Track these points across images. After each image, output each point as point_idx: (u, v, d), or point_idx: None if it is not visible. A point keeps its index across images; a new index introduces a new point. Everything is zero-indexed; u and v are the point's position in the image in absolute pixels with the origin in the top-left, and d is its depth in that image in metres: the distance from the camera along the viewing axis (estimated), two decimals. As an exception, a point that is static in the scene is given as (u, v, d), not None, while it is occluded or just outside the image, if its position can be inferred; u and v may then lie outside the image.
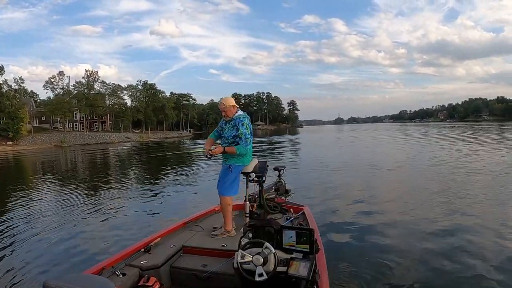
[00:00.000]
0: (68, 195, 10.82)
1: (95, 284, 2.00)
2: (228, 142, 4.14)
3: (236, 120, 4.12)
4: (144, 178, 15.23)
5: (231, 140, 4.13)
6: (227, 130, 4.18)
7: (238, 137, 4.07)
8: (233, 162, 4.14)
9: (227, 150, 4.03)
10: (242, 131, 4.06)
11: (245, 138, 4.06)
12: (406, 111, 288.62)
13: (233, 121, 4.14)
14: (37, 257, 5.23)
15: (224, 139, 4.22)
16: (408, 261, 4.74)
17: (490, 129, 51.57)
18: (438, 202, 8.07)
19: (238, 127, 4.07)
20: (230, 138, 4.13)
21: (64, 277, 2.15)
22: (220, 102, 4.20)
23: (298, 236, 2.76)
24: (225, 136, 4.20)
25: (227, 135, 4.16)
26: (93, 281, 2.08)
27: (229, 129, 4.17)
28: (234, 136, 4.10)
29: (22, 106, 60.41)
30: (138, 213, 8.03)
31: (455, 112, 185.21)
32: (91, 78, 76.92)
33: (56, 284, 1.86)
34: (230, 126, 4.15)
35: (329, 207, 7.89)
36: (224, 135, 4.22)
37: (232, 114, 4.16)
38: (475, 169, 12.64)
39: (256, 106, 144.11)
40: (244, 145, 4.06)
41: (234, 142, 4.10)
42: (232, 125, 4.14)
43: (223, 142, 4.22)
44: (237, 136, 4.08)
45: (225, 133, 4.20)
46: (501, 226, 6.08)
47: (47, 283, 1.87)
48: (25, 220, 7.63)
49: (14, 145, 55.01)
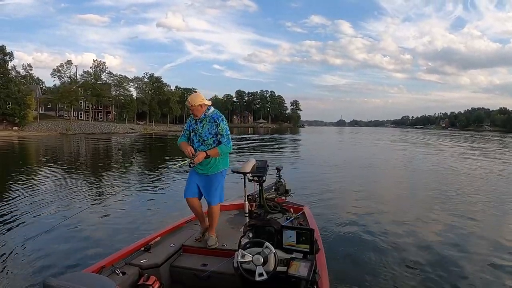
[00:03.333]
0: (69, 187, 10.64)
1: (95, 283, 2.00)
2: (208, 144, 3.64)
3: (213, 116, 3.65)
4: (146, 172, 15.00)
5: (211, 139, 3.63)
6: (202, 129, 3.65)
7: (219, 134, 3.61)
8: (222, 167, 3.77)
9: (210, 154, 3.56)
10: (223, 126, 3.61)
11: (226, 135, 3.63)
12: (408, 117, 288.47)
13: (208, 117, 3.64)
14: (36, 255, 5.14)
15: (200, 141, 3.67)
16: (408, 261, 4.76)
17: (491, 140, 51.87)
18: (437, 202, 8.31)
19: (218, 122, 3.61)
20: (209, 137, 3.63)
21: (64, 276, 2.14)
22: (187, 100, 3.65)
23: (298, 236, 2.77)
24: (202, 137, 3.65)
25: (205, 134, 3.64)
26: (93, 280, 2.08)
27: (205, 127, 3.64)
28: (215, 134, 3.63)
29: (29, 93, 61.12)
30: (138, 210, 7.90)
31: (457, 121, 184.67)
32: (99, 68, 77.73)
33: (56, 283, 1.85)
34: (206, 122, 3.64)
35: (329, 207, 7.92)
36: (200, 136, 3.66)
37: (202, 113, 3.63)
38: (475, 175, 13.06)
39: (259, 104, 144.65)
40: (227, 143, 3.63)
41: (215, 141, 3.64)
42: (208, 121, 3.64)
43: (200, 144, 3.66)
44: (218, 133, 3.61)
45: (201, 133, 3.66)
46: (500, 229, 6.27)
47: (46, 282, 1.86)
48: (23, 216, 7.47)
49: (20, 131, 55.72)
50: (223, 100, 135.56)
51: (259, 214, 4.66)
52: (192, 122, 3.75)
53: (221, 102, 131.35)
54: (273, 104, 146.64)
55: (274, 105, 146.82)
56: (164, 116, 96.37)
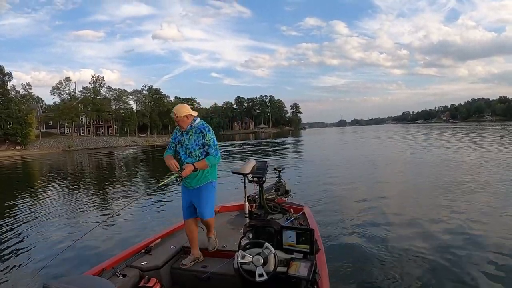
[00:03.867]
0: (72, 198, 10.95)
1: (95, 285, 2.01)
2: (195, 155, 3.51)
3: (199, 126, 3.55)
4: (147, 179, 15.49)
5: (198, 150, 3.51)
6: (189, 141, 3.53)
7: (206, 144, 3.49)
8: (211, 178, 3.62)
9: (198, 166, 3.43)
10: (209, 137, 3.49)
11: (214, 145, 3.51)
12: (409, 112, 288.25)
13: (194, 128, 3.54)
14: (37, 258, 5.21)
15: (187, 153, 3.54)
16: (408, 261, 4.74)
17: (494, 129, 51.71)
18: (437, 200, 8.20)
19: (205, 133, 3.50)
20: (196, 148, 3.50)
21: (64, 278, 2.15)
22: (172, 112, 3.51)
23: (298, 236, 2.78)
24: (188, 149, 3.53)
25: (192, 146, 3.51)
26: (94, 283, 2.08)
27: (191, 139, 3.53)
28: (202, 145, 3.50)
29: (30, 112, 61.57)
30: (138, 214, 8.00)
31: (457, 113, 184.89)
32: (98, 83, 78.27)
33: (56, 286, 1.86)
34: (193, 133, 3.53)
35: (329, 207, 7.91)
36: (186, 148, 3.54)
37: (187, 124, 3.52)
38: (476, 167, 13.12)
39: (259, 109, 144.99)
40: (215, 154, 3.50)
41: (203, 153, 3.51)
42: (195, 132, 3.53)
43: (187, 157, 3.53)
44: (205, 144, 3.50)
45: (187, 145, 3.54)
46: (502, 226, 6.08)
47: (47, 285, 1.87)
48: (26, 222, 7.71)
49: (23, 150, 56.14)
50: (223, 107, 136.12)
51: (259, 215, 4.67)
52: (178, 133, 3.62)
53: (221, 110, 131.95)
54: (273, 108, 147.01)
55: (274, 110, 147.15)
56: (165, 127, 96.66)
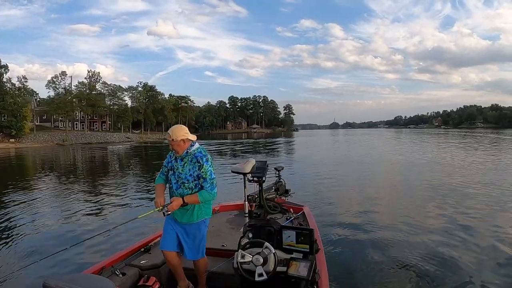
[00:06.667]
0: (69, 194, 10.86)
1: (95, 283, 1.99)
2: (188, 187, 3.07)
3: (196, 154, 3.07)
4: (143, 176, 15.42)
5: (192, 182, 3.06)
6: (183, 169, 3.09)
7: (201, 177, 3.03)
8: (205, 216, 3.17)
9: (188, 201, 3.00)
10: (206, 169, 3.02)
11: (210, 179, 3.03)
12: (401, 117, 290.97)
13: (190, 155, 3.09)
14: (37, 257, 5.02)
15: (179, 182, 3.10)
16: (408, 261, 4.74)
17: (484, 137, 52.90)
18: (434, 199, 8.45)
19: (202, 163, 3.03)
20: (190, 180, 3.05)
21: (64, 277, 2.12)
22: (167, 134, 3.10)
23: (298, 236, 2.76)
24: (181, 178, 3.08)
25: (185, 176, 3.07)
26: (93, 281, 2.06)
27: (186, 167, 3.08)
28: (197, 177, 3.05)
29: (25, 105, 61.59)
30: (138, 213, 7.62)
31: (449, 119, 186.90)
32: (93, 78, 78.68)
33: (56, 284, 1.85)
34: (188, 161, 3.08)
35: (329, 207, 7.93)
36: (179, 177, 3.10)
37: (184, 150, 3.07)
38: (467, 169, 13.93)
39: (252, 110, 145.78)
40: (210, 190, 3.03)
41: (197, 185, 3.06)
42: (190, 160, 3.08)
43: (179, 187, 3.09)
44: (201, 176, 3.03)
45: (180, 173, 3.09)
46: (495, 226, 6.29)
47: (47, 283, 1.86)
48: (24, 219, 7.63)
49: (17, 143, 56.24)
50: (217, 106, 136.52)
51: (259, 215, 4.70)
52: (171, 158, 3.20)
53: (214, 109, 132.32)
54: (266, 109, 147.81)
55: (267, 110, 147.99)
56: (159, 124, 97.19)
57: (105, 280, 2.11)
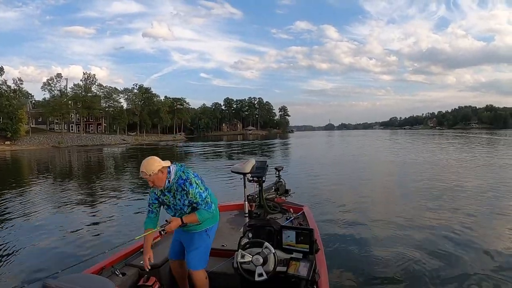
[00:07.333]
0: (67, 195, 10.85)
1: (94, 284, 1.98)
2: (184, 212, 3.03)
3: (179, 183, 2.95)
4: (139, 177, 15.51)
5: (188, 208, 3.01)
6: (175, 200, 3.01)
7: (193, 202, 2.98)
8: (208, 225, 3.12)
9: (186, 221, 2.97)
10: (193, 192, 2.93)
11: (202, 200, 2.98)
12: (397, 118, 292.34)
13: (175, 185, 2.96)
14: (36, 257, 5.17)
15: (177, 214, 3.05)
16: (407, 260, 4.75)
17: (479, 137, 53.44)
18: (433, 198, 8.54)
19: (187, 189, 2.92)
20: (185, 209, 3.01)
21: (63, 277, 2.10)
22: (141, 172, 2.87)
23: (298, 236, 2.76)
24: (177, 210, 3.04)
25: (179, 207, 3.01)
26: (93, 281, 2.05)
27: (177, 198, 3.00)
28: (190, 203, 2.99)
29: (21, 107, 61.29)
30: (138, 212, 7.90)
31: (444, 120, 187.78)
32: (89, 80, 78.48)
33: (56, 284, 1.84)
34: (176, 192, 2.98)
35: (329, 207, 7.96)
36: (175, 209, 3.04)
37: (164, 181, 2.92)
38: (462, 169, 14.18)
39: (248, 111, 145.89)
40: (208, 208, 3.00)
41: (194, 209, 3.02)
42: (176, 189, 2.97)
43: (177, 215, 3.05)
44: (192, 202, 2.98)
45: (175, 205, 3.03)
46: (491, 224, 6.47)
47: (46, 283, 1.85)
48: (24, 220, 7.66)
49: (12, 145, 55.91)
50: (212, 108, 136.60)
51: (259, 214, 4.70)
52: (158, 193, 3.04)
53: (210, 111, 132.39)
54: (261, 110, 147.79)
55: (262, 112, 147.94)
56: (154, 127, 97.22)
57: (105, 280, 2.12)
